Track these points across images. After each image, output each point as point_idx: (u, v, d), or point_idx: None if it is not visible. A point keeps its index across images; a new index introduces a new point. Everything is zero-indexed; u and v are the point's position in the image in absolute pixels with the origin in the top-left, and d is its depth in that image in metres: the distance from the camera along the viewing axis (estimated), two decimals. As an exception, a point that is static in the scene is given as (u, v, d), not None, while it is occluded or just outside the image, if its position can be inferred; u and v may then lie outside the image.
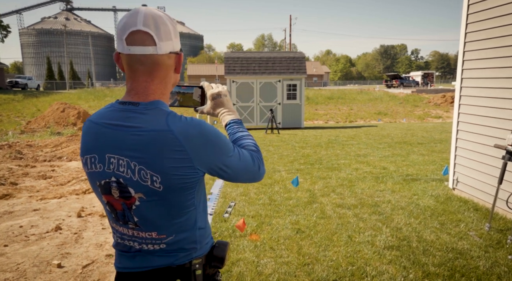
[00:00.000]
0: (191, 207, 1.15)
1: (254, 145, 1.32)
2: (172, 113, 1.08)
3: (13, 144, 9.24)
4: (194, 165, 1.07)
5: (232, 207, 4.78)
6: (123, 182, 1.09)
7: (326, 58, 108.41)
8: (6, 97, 27.95)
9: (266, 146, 9.68)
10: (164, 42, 1.08)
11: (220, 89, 1.45)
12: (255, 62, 14.37)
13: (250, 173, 1.24)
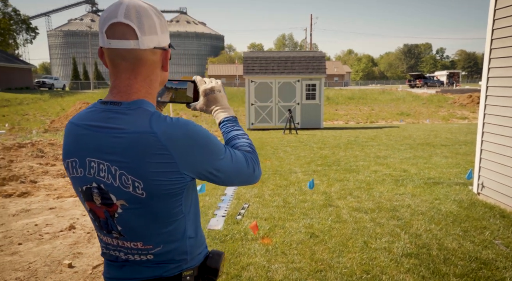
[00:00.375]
0: (179, 215, 1.06)
1: (249, 145, 1.23)
2: (156, 114, 0.99)
3: (36, 143, 9.47)
4: (180, 170, 0.98)
5: (245, 209, 4.70)
6: (104, 188, 1.01)
7: (347, 57, 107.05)
8: (34, 96, 28.86)
9: (283, 147, 9.55)
10: (147, 36, 0.99)
11: (214, 84, 1.35)
12: (274, 61, 14.26)
13: (244, 175, 1.14)
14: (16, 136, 11.10)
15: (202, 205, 4.84)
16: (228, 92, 33.34)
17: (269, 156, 8.26)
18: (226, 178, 1.10)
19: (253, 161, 1.17)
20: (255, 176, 1.18)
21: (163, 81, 1.13)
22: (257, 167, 1.19)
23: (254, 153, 1.21)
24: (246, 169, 1.14)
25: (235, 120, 1.31)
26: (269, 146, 9.67)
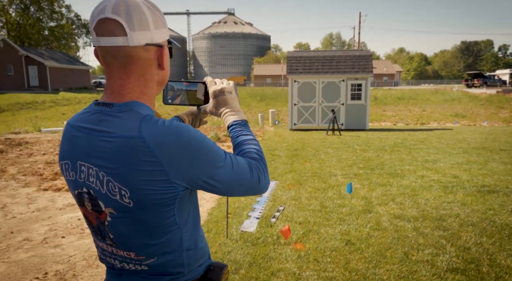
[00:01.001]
0: (172, 226, 0.99)
1: (257, 152, 1.13)
2: (148, 117, 0.92)
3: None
4: (170, 179, 0.91)
5: (280, 211, 4.60)
6: (93, 194, 0.97)
7: (398, 56, 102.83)
8: (90, 96, 30.72)
9: (325, 148, 9.31)
10: (137, 32, 0.92)
11: (224, 85, 1.26)
12: (318, 61, 13.97)
13: (246, 185, 1.05)
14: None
15: (237, 206, 4.81)
16: (273, 92, 33.30)
17: (309, 158, 8.08)
18: (225, 188, 1.01)
19: (258, 170, 1.07)
20: (261, 186, 1.08)
21: (162, 81, 1.06)
22: (262, 176, 1.08)
23: (261, 161, 1.11)
24: (249, 178, 1.04)
25: (244, 124, 1.22)
26: (310, 147, 9.47)
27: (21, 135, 11.67)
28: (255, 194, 1.11)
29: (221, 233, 3.95)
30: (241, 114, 1.24)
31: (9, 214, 4.60)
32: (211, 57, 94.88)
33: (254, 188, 1.07)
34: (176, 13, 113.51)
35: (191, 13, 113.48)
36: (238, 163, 1.03)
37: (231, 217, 4.44)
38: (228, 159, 1.00)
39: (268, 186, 1.12)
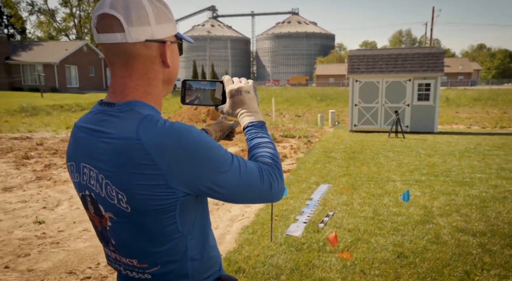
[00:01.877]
0: (174, 234, 0.93)
1: (271, 156, 1.04)
2: (148, 117, 0.87)
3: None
4: (169, 184, 0.85)
5: (329, 217, 4.41)
6: (94, 197, 0.94)
7: (477, 53, 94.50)
8: (158, 96, 32.51)
9: (385, 151, 8.81)
10: (135, 28, 0.88)
11: (242, 84, 1.18)
12: (383, 59, 13.29)
13: (256, 192, 0.96)
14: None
15: (285, 209, 4.71)
16: (334, 92, 32.47)
17: (367, 161, 7.69)
18: (231, 194, 0.94)
19: (270, 175, 0.98)
20: (273, 193, 0.99)
21: (169, 79, 1.00)
22: (275, 183, 0.99)
23: (274, 166, 1.02)
24: (259, 184, 0.96)
25: (261, 125, 1.14)
26: (369, 150, 9.03)
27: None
28: (268, 202, 1.02)
29: (266, 235, 3.89)
30: (258, 115, 1.16)
31: (74, 205, 4.98)
32: (273, 57, 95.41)
33: (265, 196, 0.99)
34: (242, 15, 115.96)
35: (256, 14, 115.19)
36: (247, 167, 0.95)
37: (277, 219, 4.35)
38: (236, 164, 0.93)
39: (282, 193, 1.03)
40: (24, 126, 13.27)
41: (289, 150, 9.06)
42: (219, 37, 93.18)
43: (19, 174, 6.40)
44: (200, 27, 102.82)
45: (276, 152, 1.08)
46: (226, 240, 3.94)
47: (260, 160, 1.03)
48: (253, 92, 1.19)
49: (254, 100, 1.18)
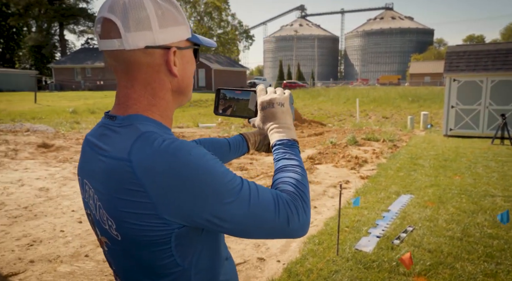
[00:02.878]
0: (173, 268, 0.82)
1: (295, 184, 0.87)
2: (145, 135, 0.77)
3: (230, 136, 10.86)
4: (160, 214, 0.74)
5: (408, 233, 3.96)
6: (93, 218, 0.88)
7: None
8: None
9: (485, 161, 7.73)
10: (132, 33, 0.78)
11: (276, 95, 1.04)
12: (489, 55, 11.73)
13: (269, 228, 0.80)
14: (221, 129, 13.03)
15: (357, 220, 4.36)
16: (428, 92, 29.79)
17: (461, 171, 6.82)
18: (237, 229, 0.79)
19: (288, 208, 0.82)
20: (292, 230, 0.82)
21: (179, 89, 0.89)
22: (295, 217, 0.82)
23: (297, 196, 0.85)
24: (273, 219, 0.80)
25: (291, 144, 0.98)
26: (465, 158, 8.01)
27: (182, 129, 13.49)
28: (286, 238, 0.85)
29: (332, 247, 3.63)
30: (290, 132, 1.01)
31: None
32: (363, 55, 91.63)
33: (281, 232, 0.82)
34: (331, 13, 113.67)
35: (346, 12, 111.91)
36: (259, 198, 0.80)
37: (348, 231, 4.05)
38: (245, 193, 0.78)
39: (305, 229, 0.85)
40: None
41: (371, 155, 8.50)
42: (306, 36, 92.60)
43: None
44: (288, 27, 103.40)
45: (305, 178, 0.91)
46: (291, 249, 3.78)
47: (281, 188, 0.87)
48: (288, 105, 1.04)
49: (288, 114, 1.03)
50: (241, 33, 61.06)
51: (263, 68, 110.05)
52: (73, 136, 10.29)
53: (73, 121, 14.18)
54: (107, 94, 28.41)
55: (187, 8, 54.60)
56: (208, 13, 54.45)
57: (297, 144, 1.01)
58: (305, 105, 24.12)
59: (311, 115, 18.80)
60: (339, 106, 23.53)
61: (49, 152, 8.01)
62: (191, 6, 54.19)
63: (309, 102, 26.13)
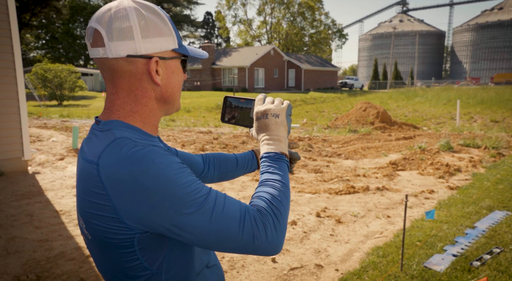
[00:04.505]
0: (142, 271, 0.85)
1: (269, 199, 0.85)
2: (117, 141, 0.81)
3: (312, 138, 10.69)
4: (121, 219, 0.78)
5: (493, 255, 3.44)
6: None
7: None
8: (334, 95, 32.74)
9: None
10: (115, 42, 0.83)
11: (271, 106, 1.02)
12: None
13: (232, 242, 0.80)
14: (303, 130, 12.94)
15: (433, 234, 3.94)
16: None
17: None
18: (196, 240, 0.79)
19: (255, 224, 0.80)
20: (258, 247, 0.80)
21: (164, 98, 0.92)
22: (261, 234, 0.80)
23: (268, 212, 0.83)
24: (236, 233, 0.79)
25: (278, 158, 0.96)
26: None
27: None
28: (254, 254, 0.83)
29: (397, 262, 3.34)
30: (280, 145, 0.98)
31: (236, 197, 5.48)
32: (474, 51, 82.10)
33: (247, 248, 0.81)
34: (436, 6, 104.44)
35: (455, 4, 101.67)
36: (224, 211, 0.80)
37: (419, 246, 3.68)
38: (209, 205, 0.79)
39: (276, 247, 0.82)
40: (214, 122, 15.54)
41: (466, 163, 7.59)
42: (406, 33, 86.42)
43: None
44: (386, 24, 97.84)
45: (283, 193, 0.88)
46: (352, 258, 3.59)
47: (253, 203, 0.86)
48: (283, 117, 1.01)
49: (282, 126, 1.00)
50: (334, 32, 59.78)
51: (356, 68, 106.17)
52: (164, 133, 11.22)
53: (169, 119, 15.47)
54: (203, 94, 30.33)
55: (281, 9, 55.36)
56: (301, 13, 54.47)
57: (286, 157, 0.98)
58: (398, 106, 22.56)
59: (404, 117, 17.54)
60: (438, 107, 21.49)
61: (142, 147, 8.88)
62: (284, 7, 54.82)
63: (404, 103, 24.39)
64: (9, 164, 6.10)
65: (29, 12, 28.40)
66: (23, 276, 3.11)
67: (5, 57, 5.82)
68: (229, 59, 38.83)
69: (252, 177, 6.45)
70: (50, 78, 20.39)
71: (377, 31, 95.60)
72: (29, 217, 4.42)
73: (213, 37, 64.24)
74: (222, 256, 3.60)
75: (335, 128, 13.38)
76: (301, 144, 9.61)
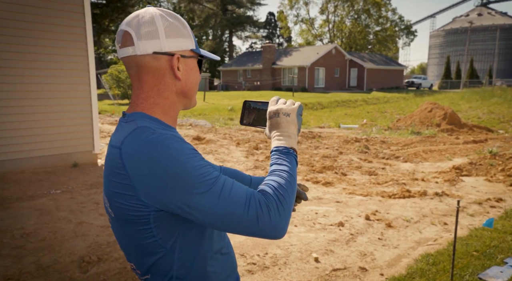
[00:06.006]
0: (158, 249, 0.95)
1: (274, 186, 0.93)
2: (139, 129, 0.92)
3: (370, 139, 10.34)
4: (139, 196, 0.88)
5: None
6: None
7: None
8: (399, 95, 31.19)
9: None
10: (143, 41, 0.95)
11: (283, 106, 1.10)
12: None
13: (237, 222, 0.88)
14: (362, 131, 12.55)
15: (493, 245, 3.64)
16: None
17: None
18: (206, 219, 0.88)
19: (259, 206, 0.88)
20: (261, 228, 0.88)
21: (183, 92, 1.03)
22: (265, 216, 0.88)
23: (273, 197, 0.91)
24: (241, 214, 0.87)
25: (286, 151, 1.03)
26: None
27: (323, 129, 13.55)
28: (258, 237, 0.90)
29: (448, 271, 3.15)
30: (290, 141, 1.06)
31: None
32: None
33: (250, 229, 0.89)
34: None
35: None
36: (231, 193, 0.88)
37: (476, 256, 3.44)
38: (217, 187, 0.88)
39: (279, 231, 0.90)
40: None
41: (544, 170, 6.83)
42: (485, 27, 79.29)
43: (244, 162, 7.68)
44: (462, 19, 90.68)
45: (288, 183, 0.95)
46: (400, 264, 3.46)
47: (260, 189, 0.93)
48: (294, 116, 1.09)
49: (293, 124, 1.08)
50: (401, 29, 56.83)
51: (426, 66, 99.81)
52: (222, 131, 11.59)
53: (227, 118, 15.92)
54: (263, 94, 30.66)
55: (344, 7, 53.97)
56: (365, 10, 52.61)
57: (295, 152, 1.04)
58: (471, 107, 20.83)
59: (477, 119, 16.17)
60: (519, 109, 19.49)
61: (200, 144, 9.26)
62: (348, 5, 53.35)
63: (478, 104, 22.47)
64: (81, 156, 6.76)
65: (107, 18, 30.92)
66: (87, 257, 3.45)
67: (80, 60, 6.47)
68: (289, 59, 38.79)
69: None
70: (123, 79, 22.01)
71: (451, 26, 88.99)
72: (95, 205, 4.87)
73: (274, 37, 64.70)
74: (265, 253, 3.68)
75: (396, 129, 12.78)
76: (357, 145, 9.35)
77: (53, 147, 6.40)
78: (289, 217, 0.92)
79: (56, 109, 6.36)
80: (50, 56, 6.19)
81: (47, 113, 6.28)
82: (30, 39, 5.94)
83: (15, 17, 5.79)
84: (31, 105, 6.10)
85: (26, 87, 6.02)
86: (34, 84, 6.10)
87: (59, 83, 6.33)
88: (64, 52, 6.32)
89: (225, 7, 55.88)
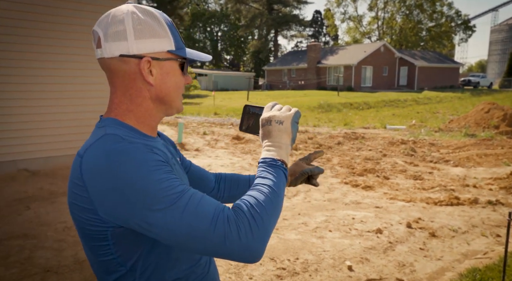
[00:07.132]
0: (117, 267, 0.87)
1: (250, 203, 0.83)
2: (106, 137, 0.84)
3: (418, 141, 9.78)
4: (96, 211, 0.81)
5: None
6: None
7: None
8: (453, 95, 29.37)
9: None
10: (110, 43, 0.88)
11: (277, 113, 1.00)
12: None
13: (203, 242, 0.78)
14: (409, 132, 11.93)
15: (553, 264, 3.24)
16: None
17: None
18: (167, 236, 0.79)
19: (227, 224, 0.78)
20: (229, 248, 0.78)
21: (159, 98, 0.94)
22: (233, 235, 0.78)
23: (245, 214, 0.80)
24: (206, 229, 0.78)
25: (273, 164, 0.93)
26: None
27: (368, 130, 13.05)
28: (229, 259, 0.80)
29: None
30: (279, 151, 0.96)
31: (308, 198, 5.40)
32: None
33: (218, 248, 0.78)
34: None
35: None
36: (197, 208, 0.79)
37: (531, 275, 3.08)
38: (182, 202, 0.78)
39: (252, 252, 0.79)
40: (314, 121, 15.39)
41: None
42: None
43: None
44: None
45: (269, 199, 0.84)
46: (443, 278, 3.19)
47: (235, 204, 0.84)
48: (288, 124, 0.99)
49: (285, 133, 0.98)
50: (458, 25, 53.45)
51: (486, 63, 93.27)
52: (263, 131, 11.55)
53: (270, 118, 15.85)
54: (307, 93, 30.25)
55: (395, 2, 51.79)
56: (418, 5, 50.08)
57: (283, 164, 0.94)
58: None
59: None
60: None
61: (239, 143, 9.27)
62: (399, 0, 51.11)
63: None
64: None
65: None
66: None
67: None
68: (335, 58, 37.94)
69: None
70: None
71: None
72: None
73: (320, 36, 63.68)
74: (296, 257, 3.55)
75: (448, 131, 12.00)
76: (403, 147, 8.86)
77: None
78: (267, 238, 0.80)
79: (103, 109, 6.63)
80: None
81: (96, 112, 6.58)
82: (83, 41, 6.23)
83: (23, 17, 6.08)
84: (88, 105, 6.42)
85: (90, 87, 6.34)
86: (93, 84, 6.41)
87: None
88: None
89: (271, 6, 55.89)
